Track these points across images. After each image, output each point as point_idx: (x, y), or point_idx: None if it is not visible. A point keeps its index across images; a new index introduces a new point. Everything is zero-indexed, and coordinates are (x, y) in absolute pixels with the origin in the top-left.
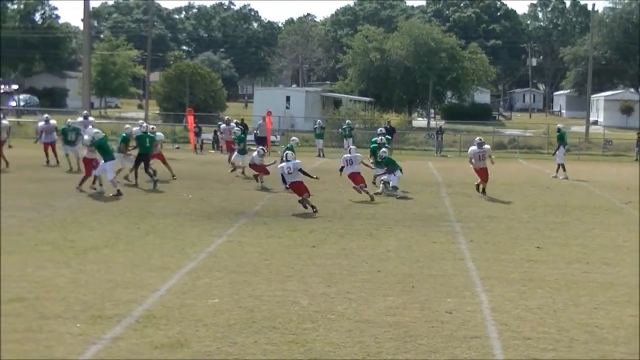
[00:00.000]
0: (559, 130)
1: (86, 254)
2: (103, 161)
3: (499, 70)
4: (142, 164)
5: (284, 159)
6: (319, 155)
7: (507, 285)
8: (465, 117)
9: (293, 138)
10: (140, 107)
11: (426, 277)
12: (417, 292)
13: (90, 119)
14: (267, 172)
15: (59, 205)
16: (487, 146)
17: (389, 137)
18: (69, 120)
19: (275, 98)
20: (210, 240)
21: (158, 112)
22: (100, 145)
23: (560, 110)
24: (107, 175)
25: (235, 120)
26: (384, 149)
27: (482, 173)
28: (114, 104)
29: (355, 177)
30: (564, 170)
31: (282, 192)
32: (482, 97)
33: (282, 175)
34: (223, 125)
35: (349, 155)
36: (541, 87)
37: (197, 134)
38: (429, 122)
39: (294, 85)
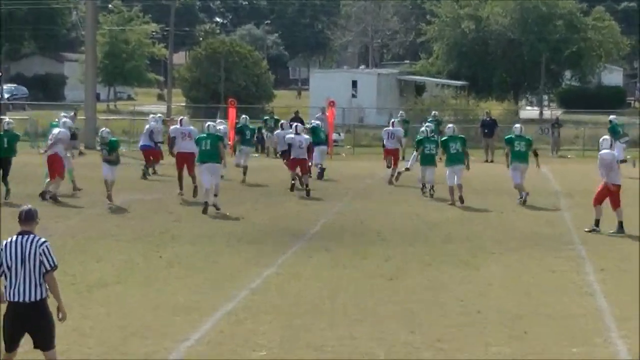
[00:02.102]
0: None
1: (92, 293)
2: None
3: (634, 41)
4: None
5: (295, 131)
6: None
7: None
8: (590, 104)
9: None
10: (160, 97)
11: (542, 319)
12: (531, 338)
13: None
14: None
15: (56, 228)
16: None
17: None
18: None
19: (337, 83)
20: (254, 273)
21: (184, 104)
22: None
23: None
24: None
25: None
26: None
27: (612, 194)
28: (127, 95)
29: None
30: None
31: (345, 210)
32: (613, 77)
33: (289, 145)
34: (278, 131)
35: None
36: None
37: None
38: (541, 112)
39: (362, 67)
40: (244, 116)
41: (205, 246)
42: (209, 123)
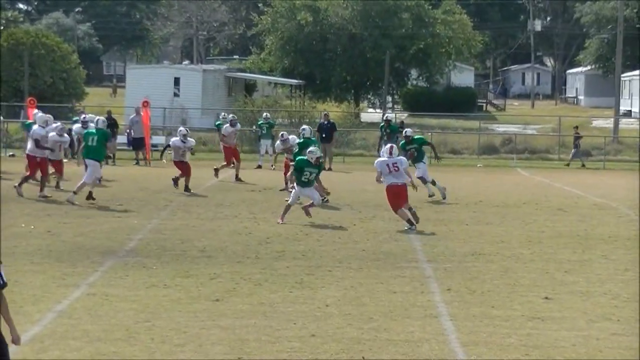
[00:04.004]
0: None
1: None
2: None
3: (487, 38)
4: None
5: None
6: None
7: (501, 355)
8: (438, 107)
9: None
10: None
11: (383, 344)
12: None
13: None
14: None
15: None
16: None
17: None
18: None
19: (158, 80)
20: (61, 293)
21: None
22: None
23: (576, 96)
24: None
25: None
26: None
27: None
28: None
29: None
30: None
31: (169, 219)
32: (463, 77)
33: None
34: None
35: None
36: (549, 62)
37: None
38: (384, 115)
39: (185, 62)
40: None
41: (6, 263)
42: (98, 118)
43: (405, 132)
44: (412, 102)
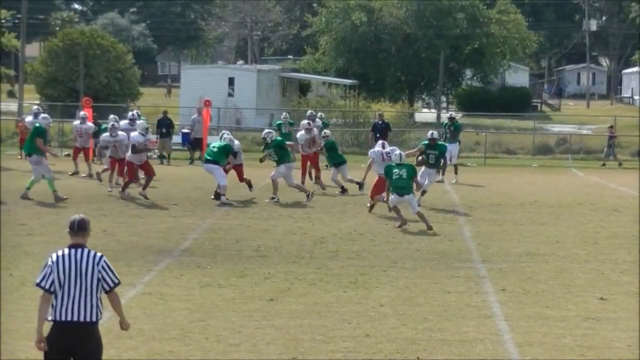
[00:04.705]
0: None
1: None
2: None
3: (542, 37)
4: None
5: None
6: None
7: (556, 356)
8: (492, 107)
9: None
10: (11, 94)
11: (438, 344)
12: None
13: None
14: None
15: None
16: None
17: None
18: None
19: (212, 80)
20: (117, 292)
21: (38, 102)
22: None
23: (632, 96)
24: None
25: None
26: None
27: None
28: None
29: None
30: None
31: (223, 218)
32: (518, 77)
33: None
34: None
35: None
36: (604, 62)
37: (97, 134)
38: (439, 115)
39: (240, 62)
40: None
41: None
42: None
43: (432, 134)
44: (466, 102)
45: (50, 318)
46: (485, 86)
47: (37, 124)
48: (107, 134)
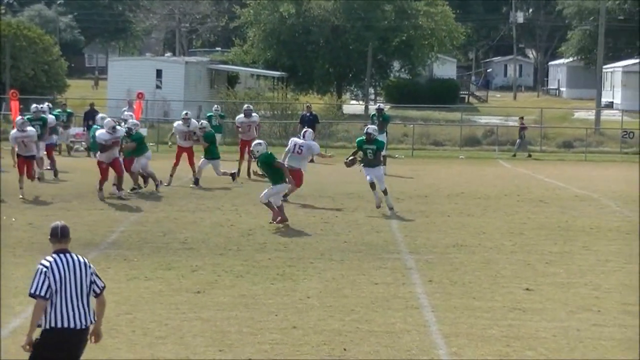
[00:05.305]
0: None
1: None
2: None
3: (469, 30)
4: None
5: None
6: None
7: (482, 346)
8: (420, 98)
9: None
10: None
11: (365, 336)
12: (350, 356)
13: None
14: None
15: None
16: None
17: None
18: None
19: (140, 73)
20: None
21: None
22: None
23: (558, 88)
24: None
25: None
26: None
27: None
28: None
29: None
30: None
31: (151, 211)
32: (446, 69)
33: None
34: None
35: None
36: (531, 54)
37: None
38: (367, 107)
39: (168, 54)
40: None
41: None
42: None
43: (368, 128)
44: (394, 94)
45: (45, 325)
46: (413, 78)
47: None
48: (15, 130)
